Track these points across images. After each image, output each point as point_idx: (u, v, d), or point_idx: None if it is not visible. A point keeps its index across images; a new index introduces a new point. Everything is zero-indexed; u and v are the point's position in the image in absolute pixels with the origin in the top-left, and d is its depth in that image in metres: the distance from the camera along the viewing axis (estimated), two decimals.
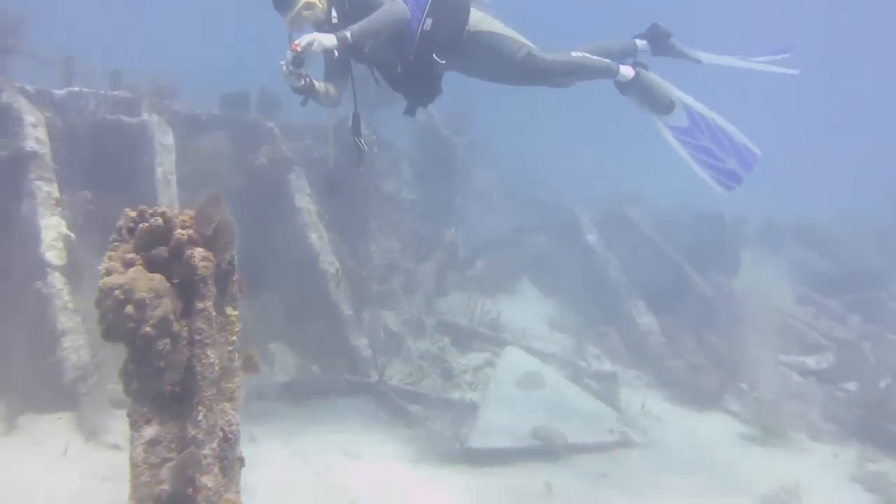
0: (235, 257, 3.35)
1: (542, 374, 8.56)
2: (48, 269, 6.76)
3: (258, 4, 5.75)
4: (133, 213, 3.20)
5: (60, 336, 6.53)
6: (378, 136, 10.02)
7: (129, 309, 2.95)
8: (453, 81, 5.94)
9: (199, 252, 3.13)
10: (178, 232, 3.09)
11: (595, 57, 6.00)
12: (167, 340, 3.04)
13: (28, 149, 7.24)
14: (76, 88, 8.44)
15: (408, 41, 5.43)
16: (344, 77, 5.64)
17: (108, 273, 3.05)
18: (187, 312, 3.15)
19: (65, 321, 6.60)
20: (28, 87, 7.98)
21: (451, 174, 11.26)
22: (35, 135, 7.36)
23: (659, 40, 6.43)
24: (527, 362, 8.87)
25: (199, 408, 3.01)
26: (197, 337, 3.16)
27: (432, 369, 8.60)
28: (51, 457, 5.92)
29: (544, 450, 7.09)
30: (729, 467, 7.58)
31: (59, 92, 8.31)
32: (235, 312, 3.46)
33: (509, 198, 13.85)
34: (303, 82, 5.23)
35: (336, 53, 5.28)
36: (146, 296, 2.99)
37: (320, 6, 5.33)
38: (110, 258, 3.13)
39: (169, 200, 7.85)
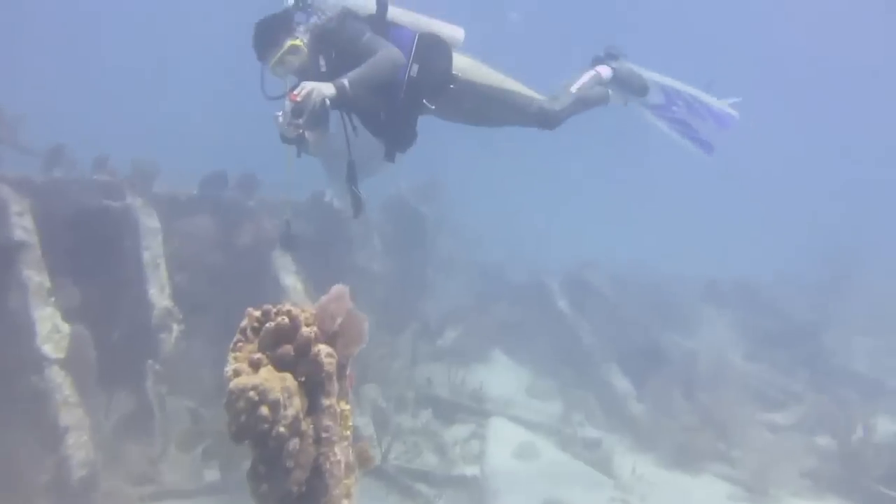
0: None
1: (535, 444, 8.62)
2: (45, 363, 6.54)
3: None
4: (257, 313, 3.19)
5: (64, 433, 6.28)
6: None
7: (264, 410, 2.92)
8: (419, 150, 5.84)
9: (324, 349, 3.14)
10: (305, 330, 3.10)
11: (585, 79, 6.13)
12: (297, 440, 3.03)
13: (16, 239, 7.05)
14: (57, 174, 8.26)
15: (395, 88, 5.33)
16: (324, 125, 5.38)
17: (237, 374, 3.03)
18: (311, 410, 3.15)
19: (67, 417, 6.36)
20: (9, 175, 7.78)
21: (421, 245, 11.36)
22: (22, 224, 7.20)
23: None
24: (515, 432, 8.92)
25: None
26: (324, 435, 3.15)
27: (425, 445, 8.55)
28: None
29: None
30: None
31: (39, 178, 8.12)
32: (349, 407, 3.45)
33: (469, 265, 14.03)
34: (300, 132, 5.03)
35: (328, 103, 5.06)
36: (280, 396, 2.98)
37: (305, 51, 5.25)
38: (236, 359, 3.11)
39: (159, 284, 7.73)
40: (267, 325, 3.15)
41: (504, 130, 6.27)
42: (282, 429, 3.01)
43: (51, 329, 6.69)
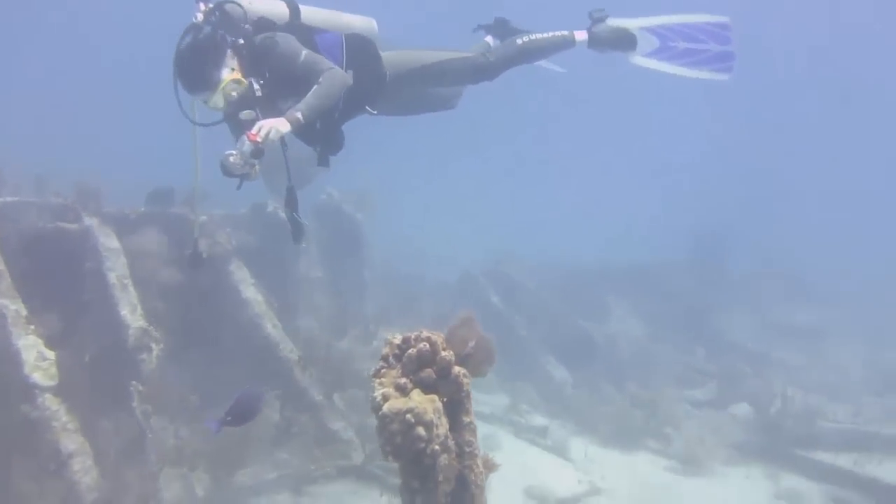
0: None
1: (494, 435, 9.09)
2: (37, 391, 6.43)
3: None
4: (397, 341, 3.48)
5: (68, 459, 6.24)
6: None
7: (420, 430, 3.23)
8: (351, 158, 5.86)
9: (461, 370, 3.47)
10: (444, 354, 3.41)
11: (544, 35, 5.95)
12: (446, 456, 3.35)
13: None
14: (9, 198, 8.01)
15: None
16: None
17: (386, 398, 3.33)
18: (453, 426, 3.47)
19: (69, 443, 6.33)
20: None
21: (357, 250, 11.55)
22: None
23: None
24: None
25: None
26: (467, 449, 3.50)
27: None
28: None
29: None
30: (685, 500, 8.48)
31: None
32: (470, 418, 3.73)
33: (390, 267, 14.30)
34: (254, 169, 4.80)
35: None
36: (433, 417, 3.28)
37: (245, 84, 4.98)
38: (381, 384, 3.41)
39: (130, 305, 7.67)
40: (409, 351, 3.45)
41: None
42: (436, 447, 3.33)
43: (36, 357, 6.58)
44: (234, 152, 4.72)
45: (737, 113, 39.99)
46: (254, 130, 4.66)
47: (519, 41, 5.85)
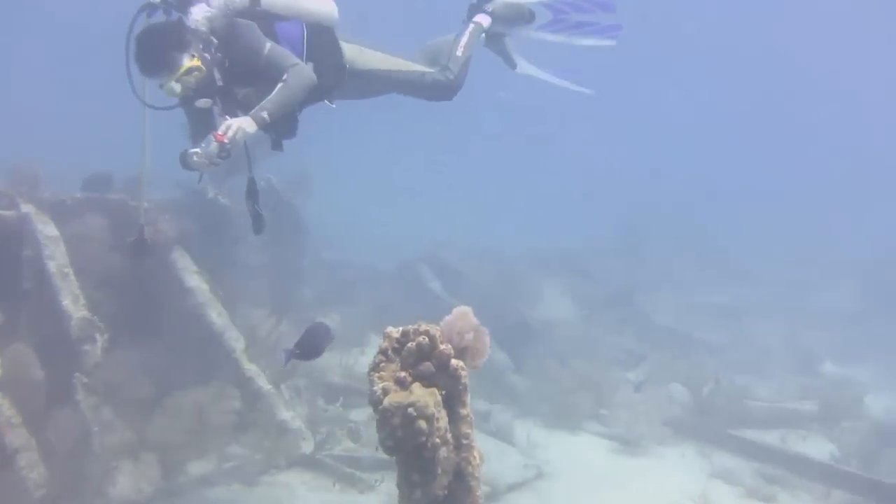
0: None
1: None
2: None
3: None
4: (397, 334, 3.50)
5: (13, 454, 6.07)
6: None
7: (422, 424, 3.27)
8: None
9: (459, 363, 3.51)
10: (443, 347, 3.45)
11: (467, 36, 6.18)
12: (446, 448, 3.41)
13: None
14: None
15: None
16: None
17: (386, 392, 3.35)
18: (450, 419, 3.51)
19: (14, 438, 6.15)
20: None
21: (296, 237, 11.41)
22: None
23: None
24: None
25: None
26: (465, 441, 3.56)
27: (340, 432, 8.80)
28: None
29: (491, 494, 7.73)
30: (626, 481, 8.74)
31: None
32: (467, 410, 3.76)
33: (326, 253, 14.23)
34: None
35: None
36: (434, 411, 3.33)
37: (204, 70, 4.93)
38: (381, 378, 3.43)
39: (72, 294, 7.43)
40: (408, 345, 3.48)
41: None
42: (437, 440, 3.38)
43: None
44: (197, 150, 4.75)
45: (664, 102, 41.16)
46: (220, 131, 4.67)
47: (458, 52, 6.03)
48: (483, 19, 6.31)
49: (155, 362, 8.04)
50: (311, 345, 4.70)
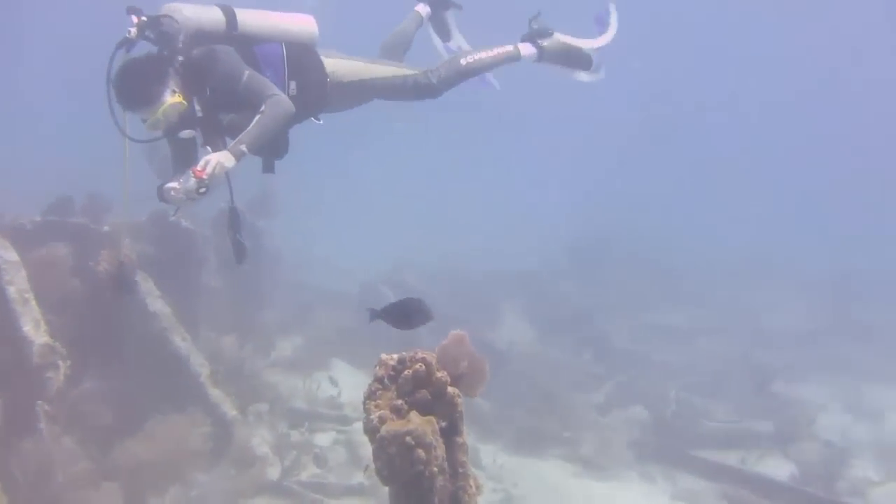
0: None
1: None
2: None
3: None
4: (393, 362, 3.48)
5: None
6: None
7: (420, 453, 3.25)
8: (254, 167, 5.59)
9: (455, 391, 3.51)
10: (439, 374, 3.45)
11: (489, 53, 5.98)
12: (443, 477, 3.40)
13: None
14: None
15: None
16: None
17: (383, 421, 3.34)
18: (446, 447, 3.49)
19: None
20: None
21: (257, 259, 11.27)
22: None
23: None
24: None
25: None
26: (461, 469, 3.54)
27: (305, 458, 8.71)
28: None
29: None
30: None
31: None
32: (463, 438, 3.76)
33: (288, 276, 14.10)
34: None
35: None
36: (433, 439, 3.32)
37: (186, 105, 4.87)
38: (377, 406, 3.42)
39: (33, 320, 7.23)
40: (405, 372, 3.47)
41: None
42: (434, 468, 3.37)
43: None
44: (175, 185, 4.66)
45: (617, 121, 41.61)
46: (199, 166, 4.59)
47: (463, 61, 5.89)
48: (526, 49, 6.10)
49: (118, 388, 7.88)
50: (402, 314, 4.38)
